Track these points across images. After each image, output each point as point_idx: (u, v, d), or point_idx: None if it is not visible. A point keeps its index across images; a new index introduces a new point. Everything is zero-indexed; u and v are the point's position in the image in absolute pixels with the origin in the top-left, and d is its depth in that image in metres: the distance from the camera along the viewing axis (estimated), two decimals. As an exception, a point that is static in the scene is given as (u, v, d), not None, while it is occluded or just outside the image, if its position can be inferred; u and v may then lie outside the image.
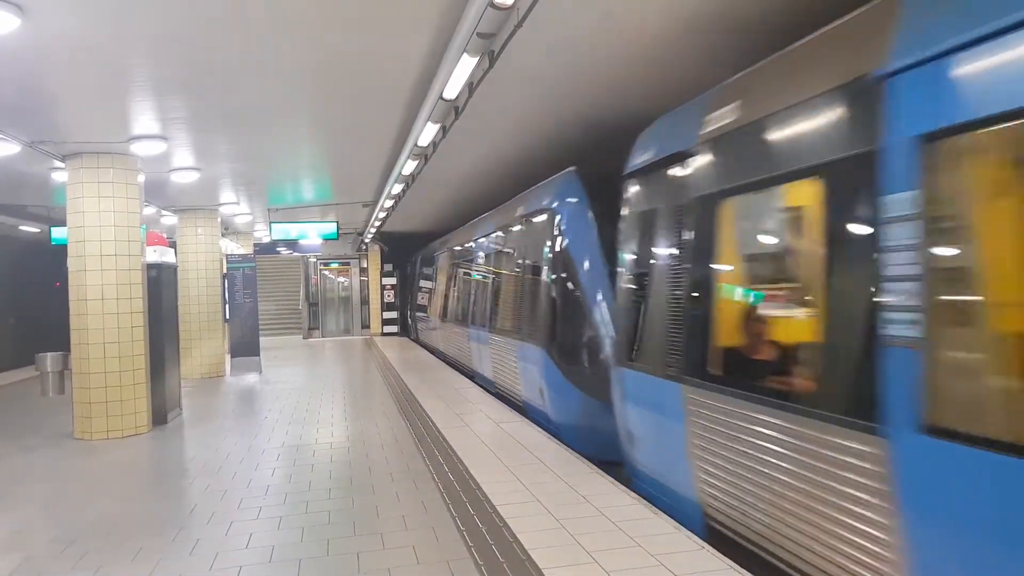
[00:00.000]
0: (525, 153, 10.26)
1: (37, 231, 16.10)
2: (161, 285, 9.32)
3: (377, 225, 18.90)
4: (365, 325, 26.21)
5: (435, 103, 6.39)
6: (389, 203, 14.13)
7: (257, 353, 14.97)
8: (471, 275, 13.20)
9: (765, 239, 5.03)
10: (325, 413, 9.65)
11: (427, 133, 7.59)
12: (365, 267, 26.20)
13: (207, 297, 14.10)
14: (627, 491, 5.51)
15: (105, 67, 5.62)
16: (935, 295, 2.95)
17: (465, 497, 5.57)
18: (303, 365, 16.71)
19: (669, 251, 5.16)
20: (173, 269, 10.40)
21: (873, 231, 3.21)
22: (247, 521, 5.26)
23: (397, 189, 12.12)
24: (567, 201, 8.12)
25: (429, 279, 19.02)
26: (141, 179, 8.82)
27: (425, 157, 9.42)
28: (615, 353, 6.17)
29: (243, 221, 16.72)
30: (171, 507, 5.73)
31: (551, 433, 7.73)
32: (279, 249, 21.46)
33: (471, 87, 6.20)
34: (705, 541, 4.47)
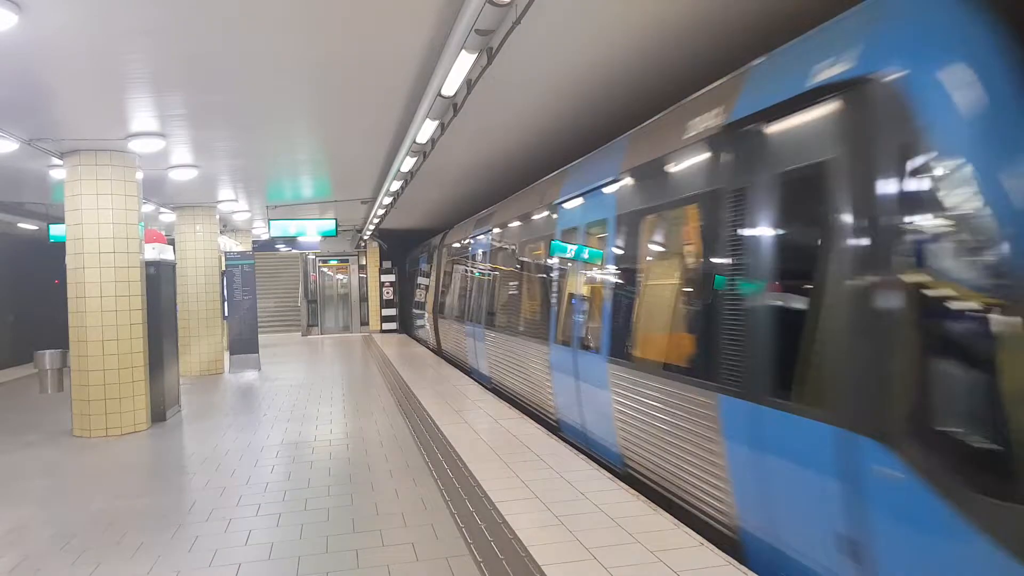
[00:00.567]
0: (524, 150, 10.26)
1: (35, 228, 16.07)
2: (160, 282, 9.31)
3: (376, 222, 18.88)
4: (364, 322, 26.22)
5: (433, 100, 6.38)
6: (388, 200, 14.12)
7: (256, 350, 14.97)
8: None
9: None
10: (324, 410, 9.66)
11: (426, 130, 7.58)
12: (364, 264, 26.20)
13: (206, 294, 14.10)
14: (627, 488, 5.52)
15: (103, 64, 5.61)
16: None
17: (464, 494, 5.57)
18: (302, 362, 16.71)
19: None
20: (172, 266, 10.39)
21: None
22: (246, 518, 5.27)
23: (396, 186, 12.10)
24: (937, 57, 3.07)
25: (478, 270, 12.80)
26: (139, 176, 8.81)
27: (424, 154, 9.41)
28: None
29: (242, 218, 16.71)
30: (170, 504, 5.73)
31: None
32: (278, 246, 21.41)
33: (469, 84, 6.20)
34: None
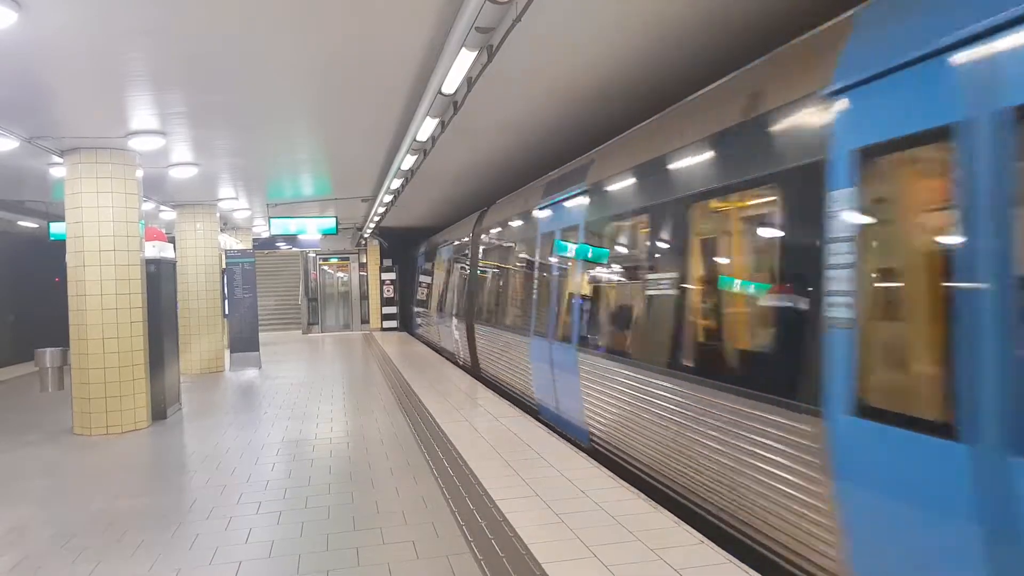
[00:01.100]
0: (524, 148, 10.25)
1: (35, 227, 16.08)
2: (160, 280, 9.31)
3: (376, 220, 18.88)
4: (364, 320, 26.23)
5: (434, 98, 6.37)
6: (388, 198, 14.11)
7: (256, 348, 14.97)
8: None
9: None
10: (324, 408, 9.66)
11: (426, 128, 7.57)
12: (364, 262, 26.20)
13: (206, 292, 14.10)
14: (628, 486, 5.52)
15: (103, 62, 5.60)
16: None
17: (465, 492, 5.58)
18: (302, 360, 16.71)
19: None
20: (172, 264, 10.39)
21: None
22: (247, 516, 5.27)
23: (396, 184, 12.10)
24: None
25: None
26: (140, 174, 8.81)
27: (424, 152, 9.41)
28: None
29: (242, 216, 16.71)
30: (171, 502, 5.74)
31: None
32: (278, 244, 21.42)
33: (470, 82, 6.19)
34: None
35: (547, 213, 8.75)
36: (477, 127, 8.61)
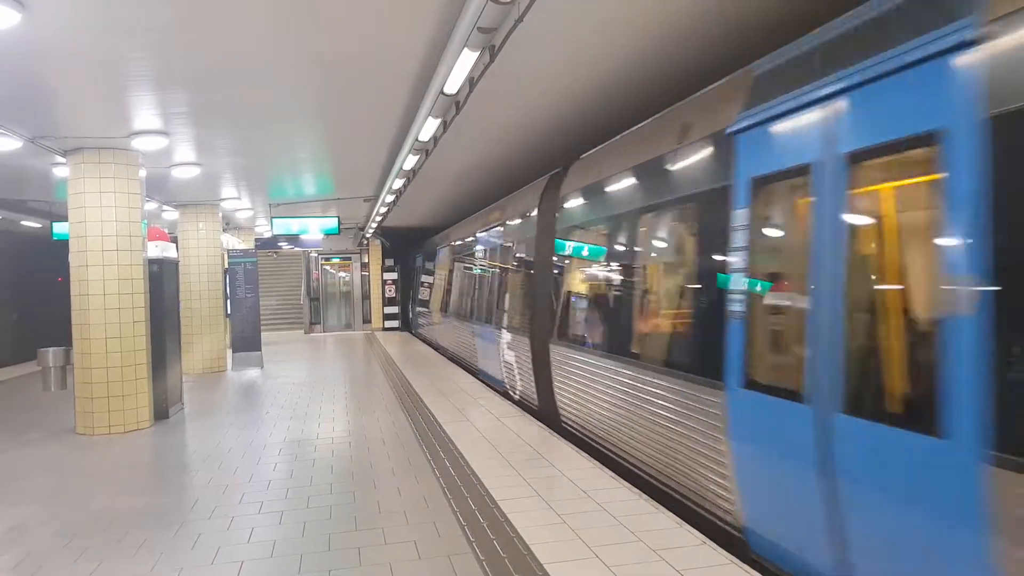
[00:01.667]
0: (526, 149, 10.24)
1: (39, 226, 16.10)
2: (162, 280, 9.32)
3: (378, 220, 18.88)
4: (366, 320, 26.25)
5: (436, 98, 6.37)
6: (390, 198, 14.12)
7: (258, 348, 14.99)
8: None
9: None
10: (326, 408, 9.67)
11: (428, 128, 7.57)
12: (366, 262, 26.22)
13: (208, 292, 14.12)
14: (630, 487, 5.52)
15: (106, 62, 5.61)
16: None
17: (466, 492, 5.58)
18: (304, 360, 16.73)
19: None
20: (174, 264, 10.40)
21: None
22: (249, 516, 5.27)
23: (398, 184, 12.10)
24: None
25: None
26: (142, 174, 8.82)
27: (426, 152, 9.41)
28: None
29: (244, 216, 16.73)
30: (173, 502, 5.74)
31: None
32: (280, 244, 21.46)
33: (472, 82, 6.19)
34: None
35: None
36: (479, 127, 8.61)
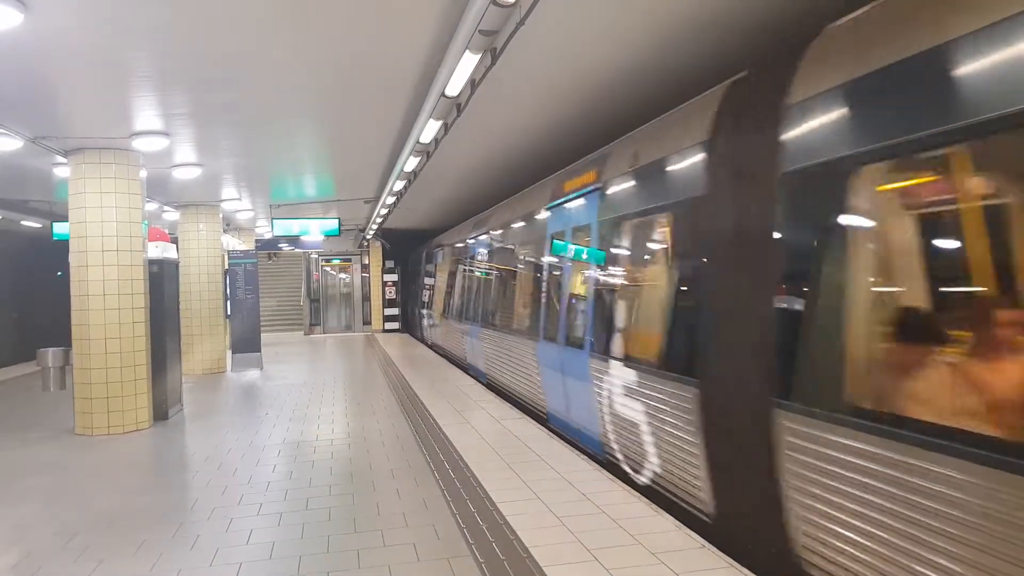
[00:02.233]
0: (527, 150, 10.25)
1: (39, 226, 16.10)
2: (163, 281, 9.32)
3: (379, 222, 18.89)
4: (366, 322, 26.25)
5: (437, 100, 6.38)
6: (391, 200, 14.13)
7: (258, 349, 14.98)
8: None
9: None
10: (326, 409, 9.66)
11: (429, 130, 7.58)
12: (367, 263, 26.23)
13: (208, 293, 14.11)
14: (629, 489, 5.52)
15: (107, 63, 5.61)
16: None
17: (466, 494, 5.57)
18: (304, 361, 16.72)
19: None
20: (175, 265, 10.40)
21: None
22: (248, 517, 5.27)
23: (399, 186, 12.11)
24: None
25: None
26: (143, 175, 8.82)
27: (427, 154, 9.41)
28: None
29: (245, 217, 16.73)
30: (172, 503, 5.74)
31: None
32: (281, 245, 21.48)
33: (473, 84, 6.19)
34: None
35: None
36: (480, 129, 8.61)
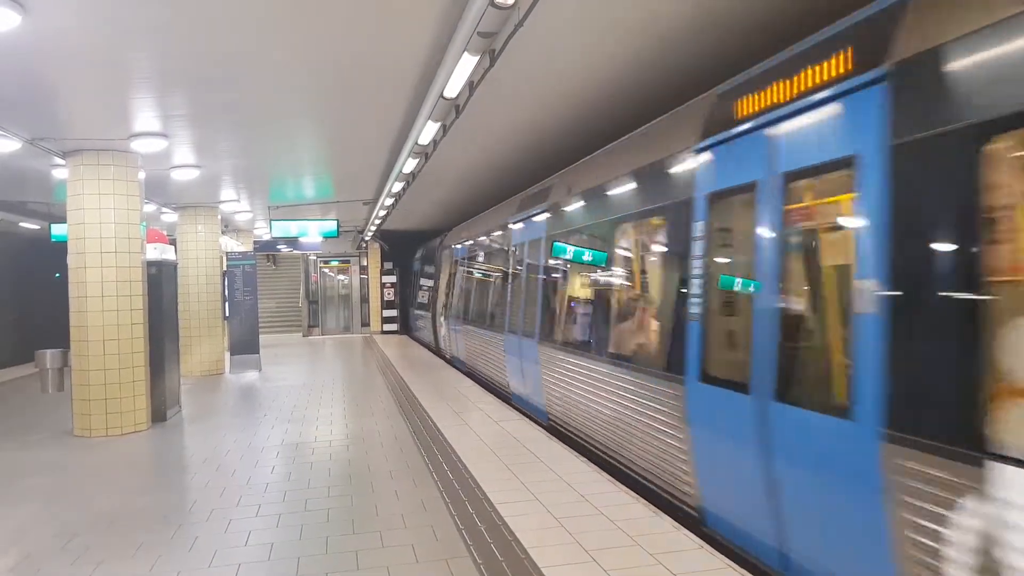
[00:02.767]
0: (525, 152, 10.26)
1: (37, 228, 16.09)
2: (161, 282, 9.31)
3: (377, 223, 18.89)
4: (365, 323, 26.24)
5: (436, 101, 6.39)
6: (389, 201, 14.13)
7: (257, 351, 14.97)
8: None
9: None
10: (324, 411, 9.66)
11: (428, 131, 7.58)
12: (365, 265, 26.21)
13: (207, 295, 14.10)
14: (627, 490, 5.52)
15: (106, 64, 5.62)
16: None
17: (464, 496, 5.57)
18: (303, 363, 16.72)
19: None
20: (173, 266, 10.40)
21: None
22: (246, 518, 5.27)
23: (398, 187, 12.11)
24: None
25: None
26: (142, 176, 8.82)
27: (426, 155, 9.42)
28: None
29: (243, 218, 16.72)
30: (170, 504, 5.73)
31: None
32: (279, 247, 21.46)
33: (472, 86, 6.20)
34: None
35: None
36: (479, 131, 8.62)
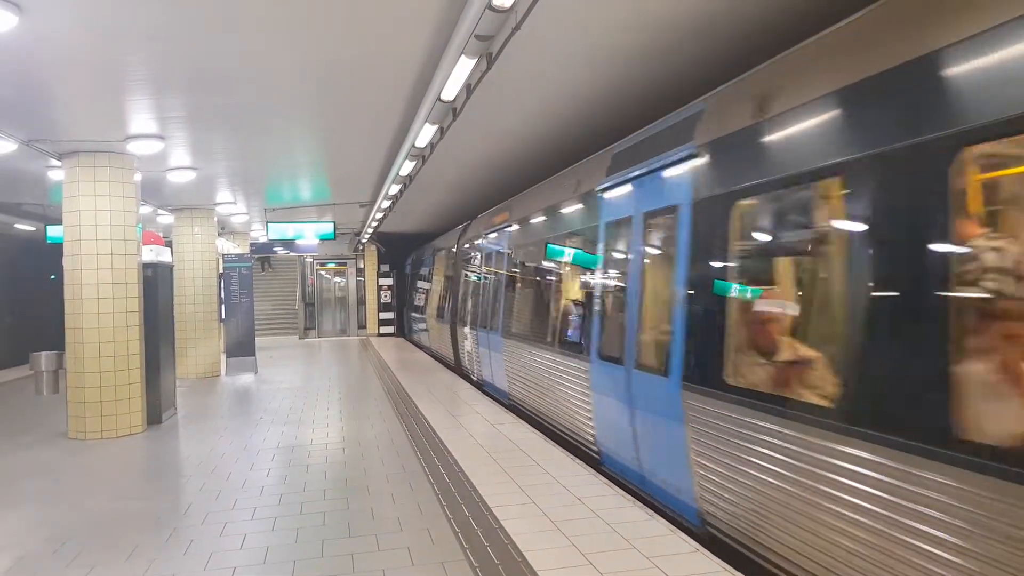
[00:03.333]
0: (523, 154, 10.26)
1: (33, 229, 16.04)
2: (157, 284, 9.29)
3: (374, 226, 18.88)
4: (361, 325, 26.20)
5: (433, 104, 6.39)
6: (386, 204, 14.12)
7: (253, 353, 14.94)
8: None
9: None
10: (320, 413, 9.64)
11: (425, 134, 7.58)
12: (362, 267, 26.18)
13: (203, 297, 14.07)
14: (623, 493, 5.52)
15: (102, 66, 5.61)
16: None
17: (460, 499, 5.56)
18: (299, 365, 16.69)
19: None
20: (169, 268, 10.38)
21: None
22: (242, 522, 5.25)
23: (394, 190, 12.11)
24: None
25: None
26: (138, 178, 8.80)
27: (423, 158, 9.41)
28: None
29: (240, 221, 16.69)
30: (165, 507, 5.71)
31: None
32: (276, 249, 21.45)
33: (469, 89, 6.20)
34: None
35: None
36: (476, 133, 8.62)
